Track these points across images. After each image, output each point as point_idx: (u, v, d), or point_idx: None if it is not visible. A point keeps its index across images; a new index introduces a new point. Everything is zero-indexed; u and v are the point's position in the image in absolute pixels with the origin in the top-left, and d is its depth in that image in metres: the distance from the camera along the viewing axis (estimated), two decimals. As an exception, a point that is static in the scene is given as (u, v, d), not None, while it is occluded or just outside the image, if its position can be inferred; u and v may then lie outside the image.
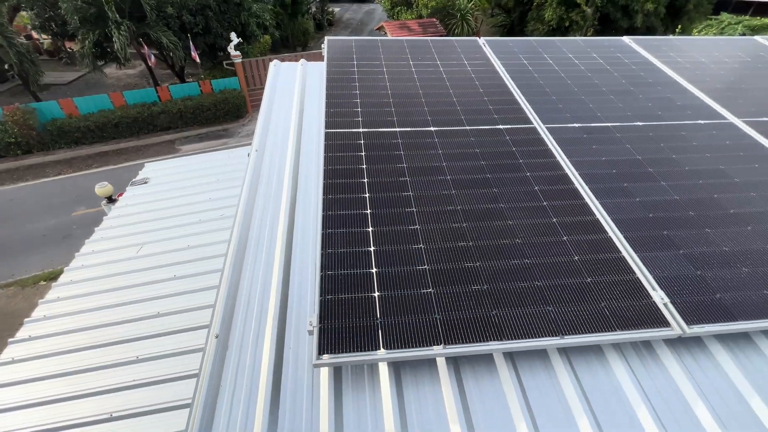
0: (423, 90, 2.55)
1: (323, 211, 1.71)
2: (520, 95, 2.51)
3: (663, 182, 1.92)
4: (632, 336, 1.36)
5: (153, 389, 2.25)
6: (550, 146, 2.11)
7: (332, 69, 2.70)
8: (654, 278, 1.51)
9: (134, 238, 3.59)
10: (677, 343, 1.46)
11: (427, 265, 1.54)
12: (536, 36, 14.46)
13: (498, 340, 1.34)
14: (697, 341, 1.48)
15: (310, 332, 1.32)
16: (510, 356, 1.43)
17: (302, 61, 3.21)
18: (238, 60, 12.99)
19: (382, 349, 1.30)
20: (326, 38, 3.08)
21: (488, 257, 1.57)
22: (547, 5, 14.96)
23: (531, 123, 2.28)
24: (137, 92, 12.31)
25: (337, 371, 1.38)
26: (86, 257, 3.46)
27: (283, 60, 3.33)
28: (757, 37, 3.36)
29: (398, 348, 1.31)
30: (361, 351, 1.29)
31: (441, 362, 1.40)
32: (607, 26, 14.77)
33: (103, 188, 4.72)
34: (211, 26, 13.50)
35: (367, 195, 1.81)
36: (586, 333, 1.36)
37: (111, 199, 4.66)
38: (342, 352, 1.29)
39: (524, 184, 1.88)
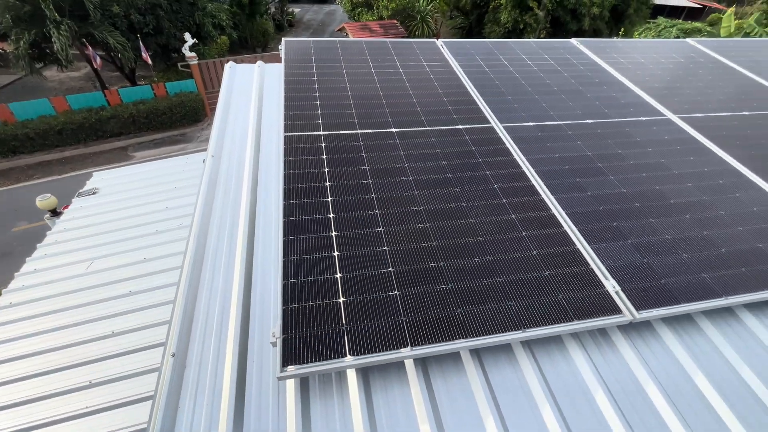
0: (383, 91, 2.55)
1: (284, 218, 1.67)
2: (478, 96, 2.57)
3: (611, 176, 2.03)
4: (588, 325, 1.43)
5: (108, 415, 2.09)
6: (508, 145, 2.17)
7: (290, 71, 2.65)
8: (606, 268, 1.59)
9: (83, 254, 3.34)
10: (629, 328, 1.55)
11: (392, 267, 1.54)
12: (493, 37, 14.94)
13: (464, 337, 1.36)
14: (646, 325, 1.57)
15: (274, 344, 1.28)
16: (476, 353, 1.45)
17: (259, 62, 3.12)
18: (194, 62, 12.45)
19: (348, 356, 1.28)
20: (283, 39, 3.02)
21: (452, 256, 1.59)
22: (502, 8, 15.52)
23: (489, 122, 2.34)
24: (83, 96, 11.48)
25: (303, 382, 1.34)
26: (28, 277, 3.17)
27: (242, 61, 3.22)
28: (689, 40, 3.64)
29: (365, 353, 1.29)
30: (327, 360, 1.27)
31: (409, 364, 1.40)
32: (558, 28, 15.55)
33: (45, 200, 4.34)
34: (163, 26, 12.86)
35: (329, 199, 1.78)
36: (546, 325, 1.41)
37: (55, 212, 4.30)
38: (308, 362, 1.26)
39: (484, 183, 1.93)
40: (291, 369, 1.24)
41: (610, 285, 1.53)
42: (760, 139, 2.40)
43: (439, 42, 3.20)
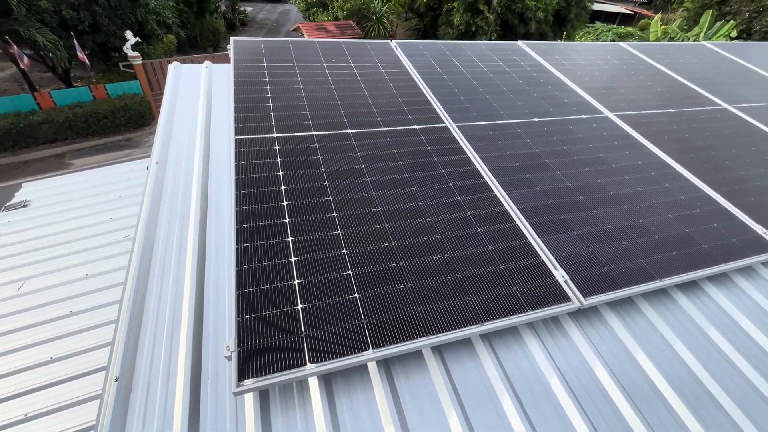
0: (338, 92, 2.53)
1: (237, 224, 1.60)
2: (432, 96, 2.62)
3: (558, 171, 2.14)
4: (541, 314, 1.50)
5: (47, 451, 1.90)
6: (462, 144, 2.23)
7: (240, 71, 2.55)
8: (555, 259, 1.67)
9: (13, 274, 3.01)
10: (578, 314, 1.64)
11: (351, 270, 1.52)
12: (447, 39, 15.35)
13: (425, 335, 1.38)
14: (593, 310, 1.68)
15: (228, 358, 1.22)
16: (438, 350, 1.48)
17: (207, 62, 2.98)
18: (138, 62, 11.67)
19: (309, 363, 1.25)
20: (232, 39, 2.90)
21: (411, 255, 1.61)
22: (455, 11, 15.97)
23: (443, 122, 2.39)
24: (8, 99, 10.39)
25: (263, 395, 1.29)
26: (-56, 304, 2.81)
27: (191, 61, 3.06)
28: (622, 43, 3.94)
29: (326, 360, 1.27)
30: (286, 369, 1.23)
31: (372, 366, 1.39)
32: (507, 31, 16.26)
33: (-36, 217, 3.87)
34: (101, 23, 11.93)
35: (285, 203, 1.74)
36: (503, 317, 1.46)
37: (-23, 230, 3.84)
38: (266, 374, 1.21)
39: (440, 182, 1.96)
40: (248, 382, 1.19)
41: (560, 275, 1.62)
42: (683, 133, 2.65)
43: (393, 43, 3.23)
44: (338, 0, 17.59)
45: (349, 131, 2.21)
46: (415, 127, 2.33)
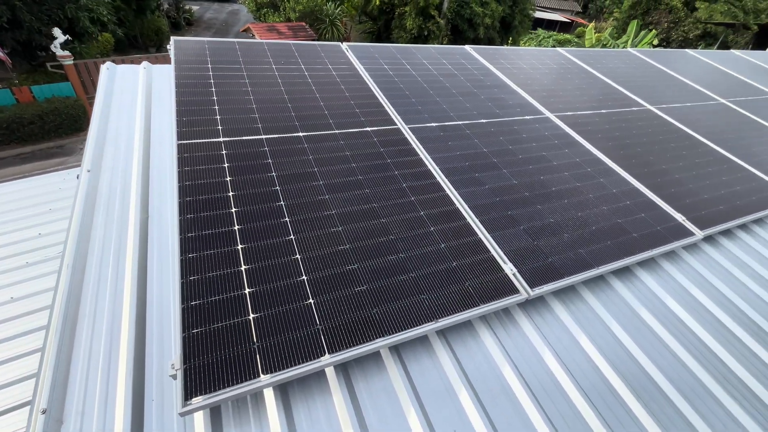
0: (289, 95, 2.48)
1: (181, 234, 1.51)
2: (384, 98, 2.64)
3: (504, 170, 2.25)
4: (493, 307, 1.56)
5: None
6: (414, 145, 2.27)
7: (183, 73, 2.42)
8: (504, 253, 1.75)
9: None
10: (527, 305, 1.73)
11: (306, 275, 1.49)
12: (401, 43, 15.62)
13: (382, 336, 1.38)
14: (541, 300, 1.77)
15: (173, 376, 1.15)
16: (396, 350, 1.49)
17: (145, 63, 2.79)
18: (69, 61, 10.70)
19: (262, 375, 1.21)
20: (172, 39, 2.75)
21: (366, 257, 1.61)
22: (407, 15, 16.27)
23: (395, 124, 2.42)
24: None
25: (214, 412, 1.23)
26: None
27: (131, 61, 2.85)
28: (560, 49, 4.22)
29: (281, 369, 1.23)
30: (239, 383, 1.18)
31: (330, 372, 1.37)
32: (458, 36, 16.85)
33: None
34: (22, 19, 10.80)
35: (233, 210, 1.67)
36: (457, 312, 1.50)
37: None
38: (216, 390, 1.15)
39: (393, 183, 1.99)
40: (197, 400, 1.13)
41: (509, 268, 1.69)
42: (614, 132, 2.89)
43: (344, 45, 3.22)
44: (290, 1, 17.27)
45: (301, 134, 2.18)
46: (368, 129, 2.34)
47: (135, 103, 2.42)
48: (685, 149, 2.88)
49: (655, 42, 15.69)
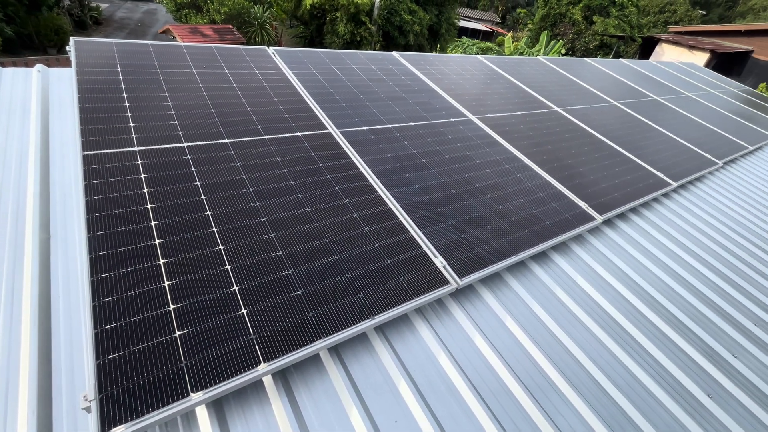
0: (212, 100, 2.37)
1: (91, 253, 1.38)
2: (314, 103, 2.65)
3: (433, 169, 2.38)
4: (426, 299, 1.64)
5: None
6: (345, 149, 2.31)
7: (86, 77, 2.20)
8: (435, 248, 1.85)
9: None
10: (458, 294, 1.85)
11: (237, 285, 1.45)
12: (334, 48, 15.65)
13: (320, 338, 1.39)
14: (470, 288, 1.90)
15: (87, 409, 1.04)
16: (335, 350, 1.50)
17: (40, 66, 2.48)
18: (-61, 64, 9.06)
19: (192, 393, 1.15)
20: (72, 39, 2.48)
21: (300, 262, 1.60)
22: (338, 21, 16.33)
23: (326, 128, 2.44)
24: None
25: (139, 440, 1.14)
26: None
27: (24, 64, 2.51)
28: (480, 56, 4.56)
29: (213, 384, 1.18)
30: (166, 405, 1.11)
31: (268, 381, 1.35)
32: (390, 42, 17.31)
33: None
34: None
35: (153, 223, 1.56)
36: (393, 307, 1.56)
37: None
38: (140, 416, 1.07)
39: (326, 186, 2.00)
40: (119, 430, 1.04)
41: (439, 262, 1.80)
42: (528, 132, 3.19)
43: (271, 50, 3.16)
44: (213, 3, 16.40)
45: (227, 141, 2.10)
46: (299, 134, 2.32)
47: (27, 111, 2.14)
48: (586, 145, 3.28)
49: (563, 51, 17.55)
